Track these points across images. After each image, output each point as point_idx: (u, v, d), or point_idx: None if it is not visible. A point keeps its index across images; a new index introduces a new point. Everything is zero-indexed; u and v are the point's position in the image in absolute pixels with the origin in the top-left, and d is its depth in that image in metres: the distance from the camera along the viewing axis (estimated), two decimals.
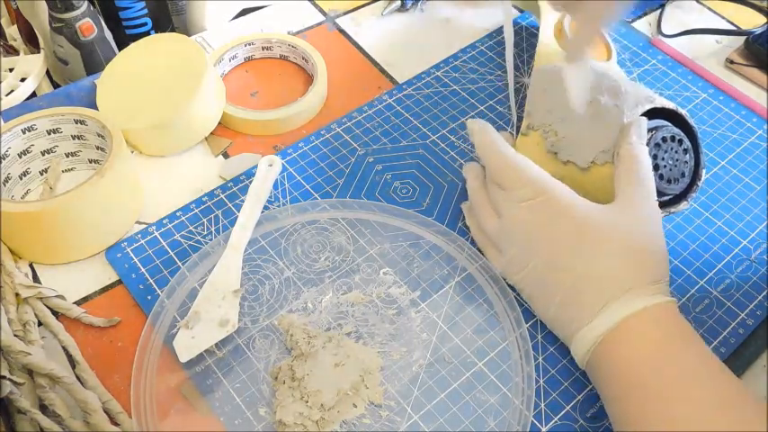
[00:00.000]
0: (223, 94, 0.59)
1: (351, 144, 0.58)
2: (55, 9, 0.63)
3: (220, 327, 0.45)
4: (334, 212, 0.52)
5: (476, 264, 0.49)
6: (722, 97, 0.64)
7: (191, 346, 0.44)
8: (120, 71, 0.58)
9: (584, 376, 0.45)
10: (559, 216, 0.43)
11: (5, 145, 0.50)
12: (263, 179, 0.53)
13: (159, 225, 0.52)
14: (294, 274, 0.49)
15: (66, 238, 0.49)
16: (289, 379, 0.43)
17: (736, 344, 0.48)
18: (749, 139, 0.60)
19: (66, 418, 0.41)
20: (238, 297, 0.47)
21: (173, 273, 0.49)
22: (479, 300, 0.48)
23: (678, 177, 0.47)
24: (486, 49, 0.67)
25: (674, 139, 0.47)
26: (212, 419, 0.42)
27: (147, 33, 0.72)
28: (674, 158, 0.47)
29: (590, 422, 0.43)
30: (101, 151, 0.54)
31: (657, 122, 0.47)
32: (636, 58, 0.67)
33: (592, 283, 0.42)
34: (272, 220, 0.52)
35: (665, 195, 0.47)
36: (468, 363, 0.45)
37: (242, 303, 0.47)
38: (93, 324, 0.46)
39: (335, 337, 0.45)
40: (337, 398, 0.42)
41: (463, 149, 0.58)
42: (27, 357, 0.42)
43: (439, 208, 0.54)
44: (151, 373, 0.43)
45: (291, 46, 0.64)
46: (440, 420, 0.43)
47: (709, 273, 0.51)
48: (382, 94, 0.63)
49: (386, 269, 0.50)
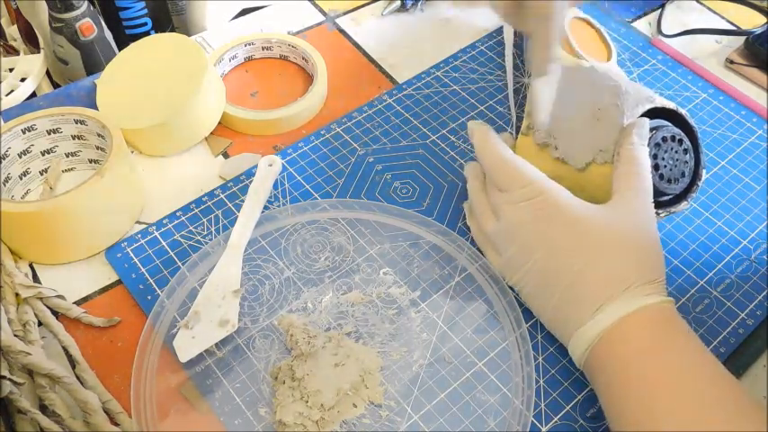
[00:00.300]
0: (223, 94, 0.59)
1: (351, 144, 0.58)
2: (55, 9, 0.63)
3: (220, 327, 0.45)
4: (335, 212, 0.52)
5: (476, 264, 0.49)
6: (722, 97, 0.64)
7: (191, 346, 0.44)
8: (120, 71, 0.58)
9: (583, 376, 0.45)
10: (556, 216, 0.43)
11: (5, 145, 0.50)
12: (263, 179, 0.53)
13: (159, 225, 0.52)
14: (294, 274, 0.49)
15: (66, 238, 0.49)
16: (289, 379, 0.43)
17: (736, 344, 0.48)
18: (749, 139, 0.61)
19: (66, 419, 0.41)
20: (238, 297, 0.47)
21: (173, 273, 0.49)
22: (479, 300, 0.48)
23: (678, 177, 0.47)
24: (486, 49, 0.67)
25: (675, 139, 0.47)
26: (212, 419, 0.42)
27: (147, 33, 0.72)
28: (674, 158, 0.47)
29: (590, 422, 0.43)
30: (101, 151, 0.54)
31: (658, 122, 0.47)
32: (636, 58, 0.67)
33: (589, 282, 0.42)
34: (272, 220, 0.52)
35: (665, 195, 0.47)
36: (468, 363, 0.45)
37: (242, 303, 0.47)
38: (93, 324, 0.46)
39: (335, 337, 0.45)
40: (337, 398, 0.42)
41: (463, 149, 0.58)
42: (27, 357, 0.42)
43: (439, 208, 0.54)
44: (151, 373, 0.43)
45: (291, 46, 0.64)
46: (440, 420, 0.43)
47: (710, 273, 0.51)
48: (382, 94, 0.63)
49: (386, 269, 0.50)
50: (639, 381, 0.38)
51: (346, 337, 0.46)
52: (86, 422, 0.41)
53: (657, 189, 0.45)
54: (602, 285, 0.41)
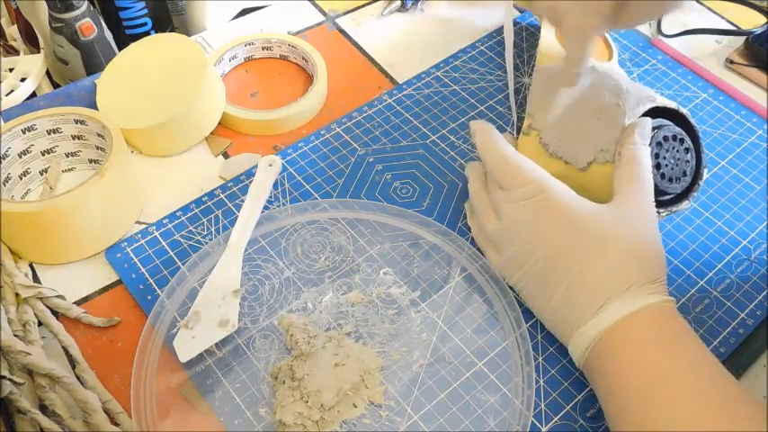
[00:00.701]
0: (223, 94, 0.59)
1: (351, 144, 0.58)
2: (55, 9, 0.63)
3: (220, 327, 0.45)
4: (335, 212, 0.52)
5: (476, 264, 0.49)
6: (722, 97, 0.64)
7: (191, 346, 0.44)
8: (120, 71, 0.58)
9: (583, 376, 0.45)
10: (557, 215, 0.43)
11: (5, 145, 0.50)
12: (262, 179, 0.53)
13: (159, 225, 0.52)
14: (294, 274, 0.49)
15: (66, 238, 0.49)
16: (289, 379, 0.43)
17: (736, 344, 0.48)
18: (749, 139, 0.60)
19: (66, 418, 0.41)
20: (238, 297, 0.47)
21: (173, 273, 0.49)
22: (479, 300, 0.48)
23: (680, 176, 0.47)
24: (486, 49, 0.67)
25: (676, 138, 0.47)
26: (212, 420, 0.42)
27: (147, 33, 0.72)
28: (675, 157, 0.47)
29: (590, 422, 0.43)
30: (101, 151, 0.54)
31: (659, 122, 0.47)
32: (636, 58, 0.67)
33: (589, 282, 0.42)
34: (272, 220, 0.52)
35: (666, 194, 0.47)
36: (468, 363, 0.45)
37: (242, 303, 0.47)
38: (93, 324, 0.46)
39: (335, 337, 0.45)
40: (337, 398, 0.42)
41: (463, 149, 0.58)
42: (27, 357, 0.42)
43: (439, 208, 0.54)
44: (151, 372, 0.43)
45: (291, 46, 0.64)
46: (440, 420, 0.43)
47: (710, 273, 0.51)
48: (382, 94, 0.63)
49: (386, 269, 0.50)
50: (640, 381, 0.38)
51: (346, 338, 0.46)
52: (86, 422, 0.41)
53: (659, 188, 0.45)
54: (602, 285, 0.41)
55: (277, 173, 0.54)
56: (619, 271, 0.41)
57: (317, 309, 0.47)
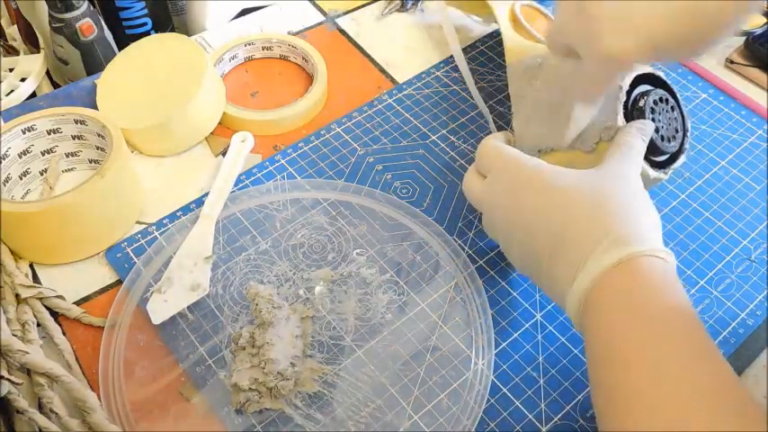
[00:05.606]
0: (223, 94, 0.59)
1: (351, 144, 0.58)
2: (55, 9, 0.63)
3: (192, 291, 0.47)
4: (316, 192, 0.54)
5: (447, 249, 0.50)
6: (722, 97, 0.64)
7: (164, 309, 0.46)
8: (120, 71, 0.58)
9: (584, 376, 0.45)
10: (528, 183, 0.42)
11: (5, 145, 0.50)
12: (235, 153, 0.56)
13: (159, 225, 0.52)
14: (270, 247, 0.50)
15: (66, 238, 0.49)
16: (249, 346, 0.44)
17: (736, 344, 0.48)
18: (749, 139, 0.60)
19: (64, 417, 0.41)
20: (210, 263, 0.49)
21: None
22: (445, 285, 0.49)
23: (673, 134, 0.48)
24: (486, 49, 0.67)
25: (662, 100, 0.48)
26: (211, 419, 0.42)
27: (147, 33, 0.72)
28: (667, 117, 0.48)
29: (590, 422, 0.43)
30: (101, 151, 0.54)
31: (645, 88, 0.48)
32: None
33: (567, 242, 0.40)
34: (253, 197, 0.53)
35: (665, 154, 0.47)
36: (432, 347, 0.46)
37: (215, 271, 0.49)
38: (93, 324, 0.46)
39: (300, 310, 0.46)
40: (294, 369, 0.43)
41: (463, 149, 0.58)
42: (25, 356, 0.42)
43: (439, 208, 0.54)
44: (122, 331, 0.45)
45: (291, 46, 0.64)
46: (402, 405, 0.43)
47: (710, 273, 0.51)
48: (382, 94, 0.63)
49: (359, 250, 0.51)
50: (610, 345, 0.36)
51: (310, 311, 0.47)
52: (84, 421, 0.41)
53: (659, 149, 0.46)
54: (580, 243, 0.39)
55: (248, 149, 0.56)
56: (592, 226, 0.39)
57: (287, 282, 0.49)
